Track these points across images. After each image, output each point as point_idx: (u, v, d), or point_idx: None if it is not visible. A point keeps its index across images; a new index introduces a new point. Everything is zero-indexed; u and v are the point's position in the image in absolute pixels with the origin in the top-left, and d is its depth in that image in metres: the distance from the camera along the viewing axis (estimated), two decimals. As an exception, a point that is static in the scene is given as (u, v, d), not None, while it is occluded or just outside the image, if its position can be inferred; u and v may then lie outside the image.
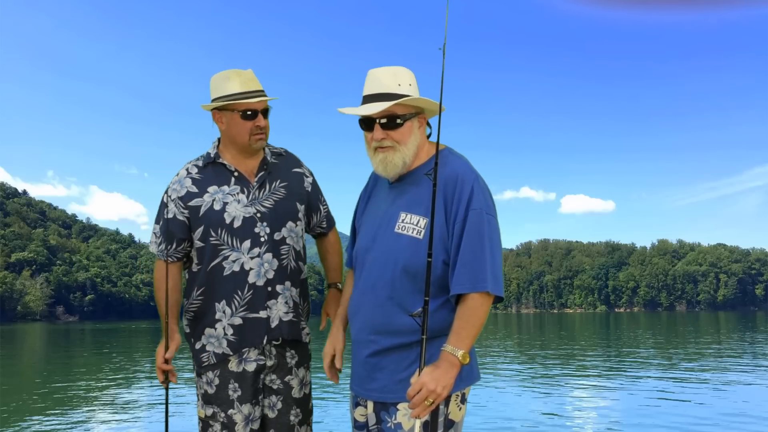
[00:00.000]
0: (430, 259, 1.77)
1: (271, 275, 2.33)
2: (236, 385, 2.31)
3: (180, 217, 2.37)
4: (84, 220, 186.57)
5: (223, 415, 2.30)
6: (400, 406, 1.90)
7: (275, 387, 2.36)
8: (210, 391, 2.34)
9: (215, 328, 2.33)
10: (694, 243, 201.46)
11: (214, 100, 2.33)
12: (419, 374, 1.75)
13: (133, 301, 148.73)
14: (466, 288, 1.81)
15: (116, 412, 8.94)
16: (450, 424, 1.90)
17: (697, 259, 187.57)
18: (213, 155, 2.41)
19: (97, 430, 7.73)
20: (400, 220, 1.93)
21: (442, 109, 1.88)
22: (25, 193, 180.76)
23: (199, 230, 2.35)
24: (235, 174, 2.38)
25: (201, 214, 2.34)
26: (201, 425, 2.36)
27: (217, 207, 2.33)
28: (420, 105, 1.96)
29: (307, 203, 2.51)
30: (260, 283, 2.32)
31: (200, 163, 2.42)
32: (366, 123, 1.96)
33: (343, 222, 2.57)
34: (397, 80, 1.92)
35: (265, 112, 2.36)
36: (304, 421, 2.41)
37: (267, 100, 2.35)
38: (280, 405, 2.36)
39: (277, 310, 2.33)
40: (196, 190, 2.36)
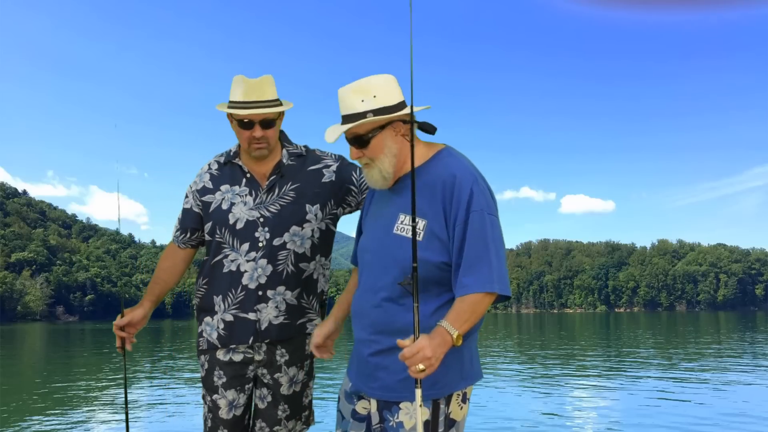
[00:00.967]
0: (415, 264, 1.73)
1: (263, 280, 2.34)
2: (221, 372, 2.39)
3: (195, 209, 2.47)
4: (84, 220, 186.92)
5: (209, 398, 2.41)
6: (402, 405, 1.90)
7: (266, 381, 2.41)
8: (201, 374, 2.46)
9: (213, 318, 2.41)
10: (694, 243, 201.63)
11: (226, 103, 2.32)
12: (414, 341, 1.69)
13: (133, 301, 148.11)
14: (472, 291, 1.79)
15: (116, 412, 8.94)
16: (451, 423, 1.90)
17: (697, 259, 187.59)
18: (232, 154, 2.44)
19: (97, 430, 7.73)
20: (399, 222, 1.94)
21: (416, 110, 1.87)
22: (25, 193, 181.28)
23: (208, 225, 2.42)
24: (248, 176, 2.39)
25: (211, 210, 2.40)
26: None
27: (225, 206, 2.37)
28: (380, 120, 1.89)
29: (332, 194, 2.43)
30: (252, 286, 2.34)
31: (222, 160, 2.46)
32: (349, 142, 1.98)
33: (344, 222, 2.59)
34: (360, 96, 1.89)
35: (266, 123, 2.28)
36: (292, 417, 2.42)
37: (266, 112, 2.26)
38: (269, 398, 2.41)
39: (267, 314, 2.35)
40: (211, 186, 2.43)
